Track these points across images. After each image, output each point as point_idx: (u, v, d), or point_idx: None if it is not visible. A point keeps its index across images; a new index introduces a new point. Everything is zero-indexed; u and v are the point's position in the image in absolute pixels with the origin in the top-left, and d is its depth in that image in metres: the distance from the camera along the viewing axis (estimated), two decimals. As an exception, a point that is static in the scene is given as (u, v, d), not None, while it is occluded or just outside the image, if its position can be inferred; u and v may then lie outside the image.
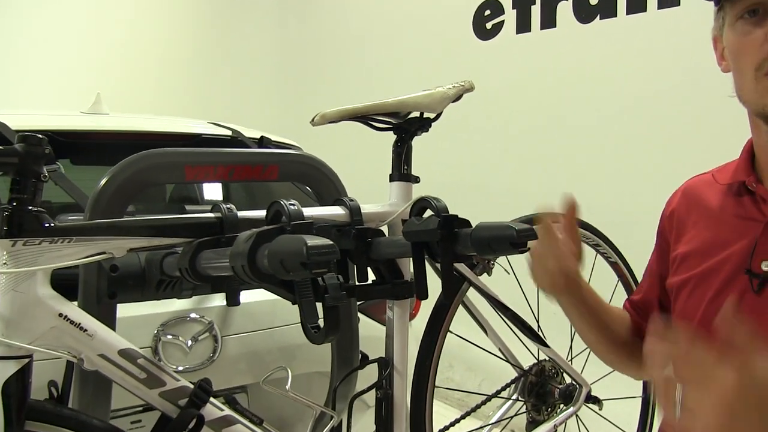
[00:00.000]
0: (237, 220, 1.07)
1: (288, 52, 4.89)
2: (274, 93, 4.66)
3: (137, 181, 1.15)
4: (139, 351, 1.02)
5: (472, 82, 1.32)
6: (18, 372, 0.91)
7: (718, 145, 2.51)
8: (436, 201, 1.07)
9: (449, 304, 1.38)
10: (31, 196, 0.92)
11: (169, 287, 1.17)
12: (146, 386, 1.01)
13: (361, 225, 1.20)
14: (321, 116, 1.23)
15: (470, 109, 3.32)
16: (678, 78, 2.64)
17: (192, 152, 1.22)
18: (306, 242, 0.75)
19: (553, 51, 3.10)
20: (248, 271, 0.84)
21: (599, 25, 2.92)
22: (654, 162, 2.72)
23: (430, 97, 1.27)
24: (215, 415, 1.08)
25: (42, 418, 0.95)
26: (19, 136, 0.93)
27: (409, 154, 1.32)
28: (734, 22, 0.88)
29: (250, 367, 1.52)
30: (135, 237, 1.00)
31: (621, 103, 2.84)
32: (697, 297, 0.94)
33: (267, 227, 0.86)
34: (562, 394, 1.61)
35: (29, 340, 0.92)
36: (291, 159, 1.33)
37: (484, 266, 1.46)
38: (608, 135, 2.90)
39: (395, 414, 1.29)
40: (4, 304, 0.91)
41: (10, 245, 0.91)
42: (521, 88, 3.25)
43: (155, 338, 1.37)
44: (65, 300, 0.97)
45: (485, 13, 3.39)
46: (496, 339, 1.56)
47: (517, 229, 0.94)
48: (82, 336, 0.96)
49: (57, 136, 1.61)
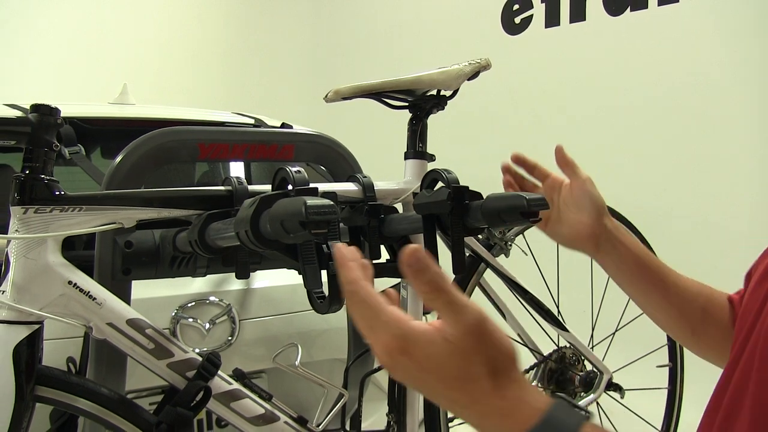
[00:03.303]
0: (248, 193, 1.06)
1: (317, 47, 4.93)
2: (303, 87, 4.70)
3: (152, 158, 1.16)
4: (147, 321, 1.02)
5: (489, 59, 1.30)
6: (28, 337, 0.92)
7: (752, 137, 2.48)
8: (447, 173, 1.05)
9: (465, 285, 1.36)
10: (43, 165, 0.94)
11: (183, 264, 1.17)
12: (154, 356, 1.01)
13: (375, 201, 1.19)
14: (335, 92, 1.22)
15: (500, 104, 3.32)
16: (712, 70, 2.59)
17: (206, 131, 1.23)
18: (305, 202, 0.74)
19: (583, 44, 3.06)
20: (252, 236, 0.84)
21: (630, 17, 2.88)
22: (688, 154, 2.67)
23: (445, 74, 1.25)
24: (223, 389, 1.08)
25: (51, 384, 0.96)
26: (32, 106, 0.94)
27: (424, 131, 1.31)
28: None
29: (269, 352, 1.51)
30: (144, 208, 1.01)
31: (653, 95, 2.79)
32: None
33: (270, 193, 0.85)
34: (583, 381, 1.57)
35: (39, 307, 0.93)
36: (307, 139, 1.33)
37: (502, 247, 1.43)
38: (642, 128, 2.86)
39: (408, 396, 1.27)
40: (16, 270, 0.93)
41: (22, 212, 0.92)
42: (551, 82, 3.21)
43: (173, 320, 1.38)
44: (75, 268, 0.98)
45: (514, 7, 3.36)
46: (514, 323, 1.53)
47: (528, 198, 0.92)
48: (91, 304, 0.97)
49: (83, 123, 1.66)
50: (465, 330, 0.54)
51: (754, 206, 2.51)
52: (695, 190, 2.69)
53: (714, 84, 2.58)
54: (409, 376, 0.55)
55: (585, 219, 0.97)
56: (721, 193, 2.61)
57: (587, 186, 0.98)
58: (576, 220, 0.98)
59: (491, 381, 0.54)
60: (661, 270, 0.98)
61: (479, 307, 0.54)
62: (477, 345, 0.54)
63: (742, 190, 2.54)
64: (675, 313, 0.98)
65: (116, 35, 4.15)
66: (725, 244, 2.58)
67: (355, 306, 0.56)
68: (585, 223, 0.97)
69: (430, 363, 0.54)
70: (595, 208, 0.97)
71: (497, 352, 0.54)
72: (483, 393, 0.54)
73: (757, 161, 2.48)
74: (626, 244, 0.98)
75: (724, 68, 2.55)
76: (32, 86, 3.59)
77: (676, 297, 0.97)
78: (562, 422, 0.52)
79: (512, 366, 0.55)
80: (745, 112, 2.51)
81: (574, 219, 0.99)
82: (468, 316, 0.54)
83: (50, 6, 3.93)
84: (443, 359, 0.54)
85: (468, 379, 0.54)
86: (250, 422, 1.10)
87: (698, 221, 2.67)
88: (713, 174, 2.63)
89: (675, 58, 2.71)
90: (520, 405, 0.53)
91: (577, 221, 0.98)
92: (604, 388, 1.62)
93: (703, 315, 0.95)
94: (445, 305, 0.54)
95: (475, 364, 0.54)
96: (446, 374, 0.54)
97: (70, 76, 3.84)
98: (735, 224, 2.56)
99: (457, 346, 0.54)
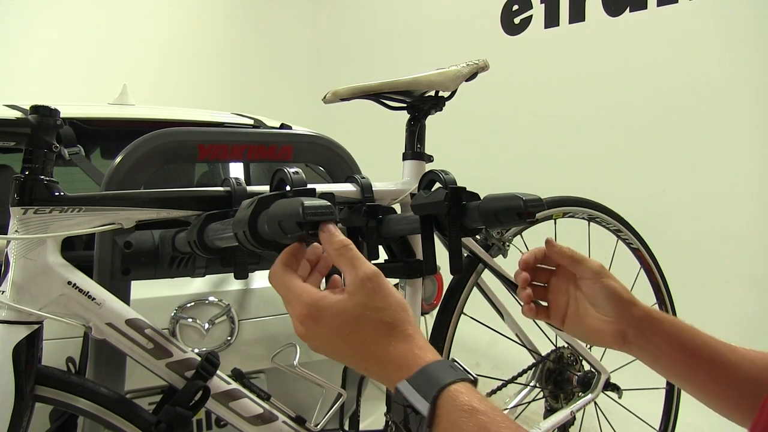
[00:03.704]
0: (246, 194, 1.07)
1: (317, 47, 4.94)
2: (302, 87, 4.71)
3: (151, 159, 1.16)
4: (146, 321, 1.03)
5: (487, 61, 1.30)
6: (28, 337, 0.92)
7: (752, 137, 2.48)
8: (444, 174, 1.06)
9: (463, 286, 1.37)
10: (42, 166, 0.94)
11: (182, 264, 1.18)
12: (153, 356, 1.02)
13: (373, 202, 1.19)
14: (333, 93, 1.23)
15: (499, 104, 3.32)
16: (712, 70, 2.59)
17: (206, 131, 1.23)
18: (303, 203, 0.74)
19: (582, 45, 3.07)
20: (249, 237, 0.84)
21: (629, 18, 2.88)
22: (688, 154, 2.68)
23: (443, 75, 1.26)
24: (222, 388, 1.08)
25: (51, 384, 0.97)
26: (32, 107, 0.95)
27: (422, 132, 1.31)
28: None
29: (268, 352, 1.52)
30: (143, 208, 1.01)
31: (653, 95, 2.79)
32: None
33: (268, 194, 0.85)
34: (581, 381, 1.58)
35: (39, 307, 0.93)
36: (305, 140, 1.33)
37: (500, 247, 1.43)
38: (642, 128, 2.86)
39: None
40: (16, 270, 0.93)
41: (22, 213, 0.92)
42: (550, 83, 3.22)
43: (173, 320, 1.38)
44: (74, 268, 0.98)
45: (513, 8, 3.37)
46: (512, 323, 1.54)
47: (525, 199, 0.92)
48: (91, 304, 0.97)
49: (83, 124, 1.66)
50: (360, 280, 0.61)
51: (754, 206, 2.51)
52: (695, 190, 2.69)
53: (714, 84, 2.58)
54: (320, 341, 0.63)
55: (605, 316, 0.84)
56: (721, 193, 2.61)
57: (600, 280, 0.84)
58: (595, 317, 0.85)
59: (385, 334, 0.61)
60: (714, 354, 0.80)
61: (375, 267, 0.63)
62: (370, 295, 0.61)
63: (742, 190, 2.54)
64: (735, 400, 0.79)
65: (116, 36, 4.16)
66: (725, 244, 2.58)
67: (275, 285, 0.67)
68: (605, 320, 0.84)
69: (335, 323, 0.61)
70: (615, 303, 0.83)
71: (387, 305, 0.61)
72: (380, 346, 0.60)
73: (757, 161, 2.49)
74: (663, 332, 0.82)
75: (724, 68, 2.55)
76: (32, 87, 3.60)
77: (735, 381, 0.78)
78: (433, 376, 0.57)
79: (404, 320, 0.62)
80: (745, 112, 2.52)
81: (593, 316, 0.85)
82: (364, 268, 0.62)
83: (50, 7, 3.94)
84: (345, 317, 0.61)
85: (365, 333, 0.61)
86: (249, 422, 1.11)
87: (698, 221, 2.67)
88: (713, 174, 2.63)
89: (675, 59, 2.71)
90: (408, 358, 0.59)
91: (596, 318, 0.85)
92: (602, 388, 1.63)
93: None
94: (347, 260, 0.63)
95: (369, 313, 0.61)
96: (348, 331, 0.61)
97: (69, 77, 3.85)
98: (735, 224, 2.56)
99: (352, 298, 0.62)
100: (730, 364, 0.79)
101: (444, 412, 0.54)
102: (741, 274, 2.53)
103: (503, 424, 0.53)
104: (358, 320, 0.61)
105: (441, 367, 0.58)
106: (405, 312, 0.63)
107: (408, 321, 0.62)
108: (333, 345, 0.63)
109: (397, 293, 0.64)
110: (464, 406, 0.54)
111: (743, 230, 2.54)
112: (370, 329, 0.61)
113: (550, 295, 0.90)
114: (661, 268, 1.80)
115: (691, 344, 0.81)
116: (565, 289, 0.88)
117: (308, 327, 0.63)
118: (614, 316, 0.83)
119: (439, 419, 0.54)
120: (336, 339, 0.62)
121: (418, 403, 0.56)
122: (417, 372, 0.58)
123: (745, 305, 2.48)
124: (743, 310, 2.46)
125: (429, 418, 0.54)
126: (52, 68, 3.86)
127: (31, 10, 3.85)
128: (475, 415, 0.53)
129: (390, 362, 0.60)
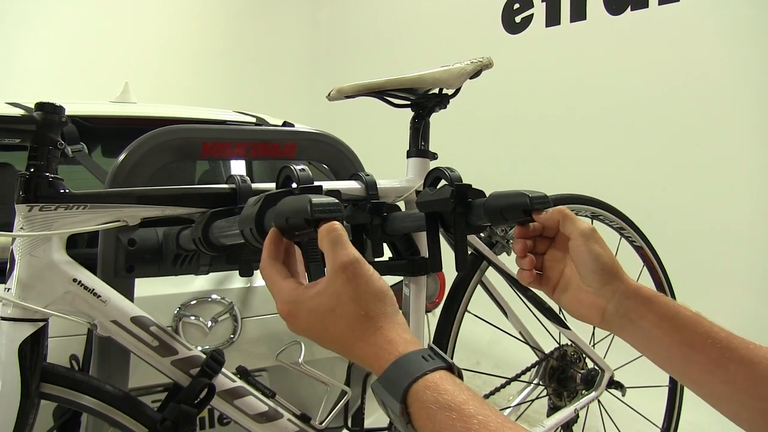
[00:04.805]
0: (251, 191, 1.07)
1: (317, 46, 4.94)
2: (304, 86, 4.72)
3: (155, 156, 1.16)
4: (151, 319, 1.03)
5: (491, 58, 1.30)
6: (34, 334, 0.92)
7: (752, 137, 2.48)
8: (449, 171, 1.06)
9: (467, 283, 1.37)
10: (47, 163, 0.94)
11: (186, 262, 1.18)
12: (158, 354, 1.02)
13: (377, 200, 1.19)
14: (337, 90, 1.23)
15: (501, 103, 3.33)
16: (712, 70, 2.59)
17: (209, 129, 1.23)
18: (311, 200, 0.74)
19: (583, 44, 3.07)
20: (256, 234, 0.84)
21: (631, 17, 2.88)
22: (689, 154, 2.68)
23: (447, 72, 1.26)
24: (227, 386, 1.08)
25: (56, 381, 0.97)
26: (37, 104, 0.95)
27: (427, 130, 1.31)
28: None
29: (271, 350, 1.52)
30: (149, 205, 1.01)
31: (654, 95, 2.79)
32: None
33: (275, 191, 0.85)
34: (584, 379, 1.58)
35: (44, 304, 0.93)
36: (309, 137, 1.33)
37: (504, 245, 1.43)
38: (642, 128, 2.86)
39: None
40: (21, 267, 0.93)
41: (27, 210, 0.92)
42: (551, 81, 3.22)
43: (176, 318, 1.38)
44: (79, 266, 0.98)
45: (514, 6, 3.37)
46: (516, 321, 1.54)
47: (531, 196, 0.91)
48: (96, 301, 0.97)
49: (85, 122, 1.66)
50: (339, 266, 0.60)
51: (754, 206, 2.51)
52: (695, 190, 2.69)
53: (714, 83, 2.58)
54: (304, 332, 0.64)
55: (587, 285, 0.78)
56: (721, 193, 2.61)
57: (587, 243, 0.78)
58: (577, 286, 0.80)
59: (359, 327, 0.59)
60: (723, 349, 0.69)
61: (356, 253, 0.61)
62: (345, 285, 0.60)
63: (742, 190, 2.54)
64: (745, 402, 0.68)
65: (117, 34, 4.16)
66: (725, 244, 2.58)
67: (264, 280, 0.68)
68: (585, 290, 0.79)
69: (311, 318, 0.62)
70: (597, 272, 0.77)
71: (360, 295, 0.59)
72: (355, 341, 0.59)
73: (757, 161, 2.49)
74: (655, 316, 0.73)
75: (724, 68, 2.55)
76: (34, 85, 3.59)
77: (746, 382, 0.67)
78: (402, 371, 0.54)
79: (378, 311, 0.60)
80: (745, 111, 2.52)
81: (575, 285, 0.80)
82: (342, 255, 0.61)
83: (52, 5, 3.94)
84: (320, 311, 0.61)
85: (340, 328, 0.60)
86: (254, 419, 1.11)
87: (698, 221, 2.67)
88: (713, 174, 2.63)
89: (675, 58, 2.71)
90: (378, 354, 0.58)
91: (578, 288, 0.80)
92: (606, 386, 1.63)
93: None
94: (330, 243, 0.62)
95: (343, 305, 0.60)
96: (324, 327, 0.61)
97: (71, 75, 3.85)
98: (735, 224, 2.56)
99: (327, 288, 0.61)
100: (743, 362, 0.67)
101: (416, 409, 0.52)
102: (741, 274, 2.54)
103: (478, 418, 0.49)
104: (333, 313, 0.60)
105: (410, 360, 0.55)
106: (381, 302, 0.60)
107: (382, 312, 0.59)
108: (317, 339, 0.63)
109: (379, 280, 0.61)
110: (434, 401, 0.51)
111: (743, 230, 2.54)
112: (344, 323, 0.60)
113: (546, 262, 0.85)
114: (664, 266, 1.80)
115: (692, 334, 0.70)
116: (561, 256, 0.83)
117: (290, 322, 0.65)
118: (595, 286, 0.77)
119: (416, 415, 0.52)
120: (316, 334, 0.63)
121: (390, 404, 0.54)
122: (387, 369, 0.55)
123: (745, 305, 2.48)
124: (743, 309, 2.46)
125: (404, 417, 0.52)
126: (53, 68, 3.85)
127: (31, 10, 3.85)
128: (444, 411, 0.50)
129: (365, 358, 0.59)
